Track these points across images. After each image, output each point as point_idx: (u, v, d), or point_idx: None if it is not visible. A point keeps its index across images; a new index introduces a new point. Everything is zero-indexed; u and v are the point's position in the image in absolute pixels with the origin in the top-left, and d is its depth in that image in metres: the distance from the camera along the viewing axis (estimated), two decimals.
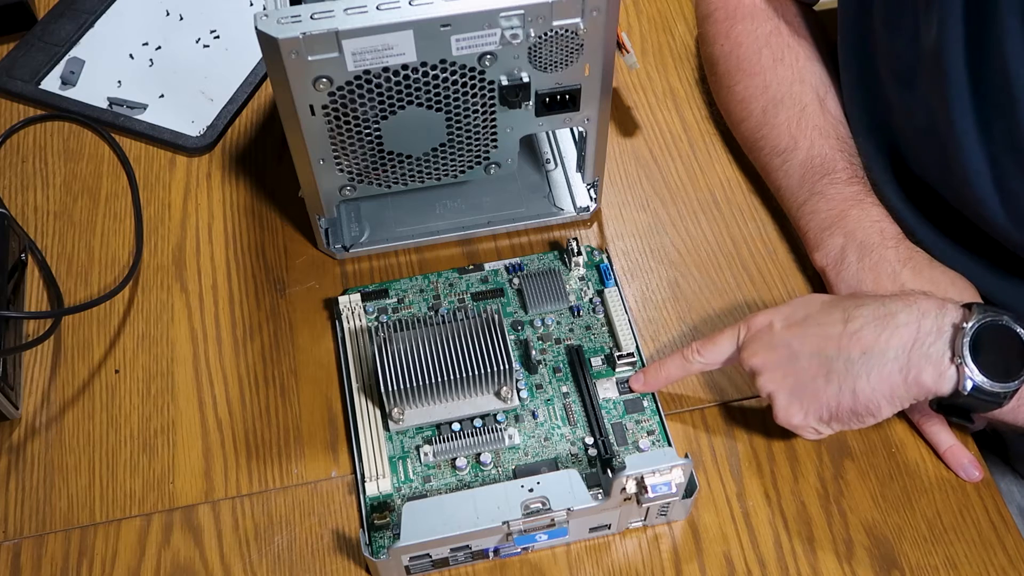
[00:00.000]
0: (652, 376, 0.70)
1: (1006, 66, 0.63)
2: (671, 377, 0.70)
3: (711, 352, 0.68)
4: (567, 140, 0.85)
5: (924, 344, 0.61)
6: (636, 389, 0.71)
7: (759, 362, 0.65)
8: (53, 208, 0.84)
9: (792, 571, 0.66)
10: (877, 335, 0.61)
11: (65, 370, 0.75)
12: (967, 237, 0.73)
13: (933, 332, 0.61)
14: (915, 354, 0.61)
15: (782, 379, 0.64)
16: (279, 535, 0.68)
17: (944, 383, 0.60)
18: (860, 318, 0.62)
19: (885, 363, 0.61)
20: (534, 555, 0.66)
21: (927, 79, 0.69)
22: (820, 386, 0.63)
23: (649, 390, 0.71)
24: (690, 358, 0.68)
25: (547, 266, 0.78)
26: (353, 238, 0.80)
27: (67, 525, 0.68)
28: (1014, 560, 0.66)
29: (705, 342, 0.68)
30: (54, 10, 0.96)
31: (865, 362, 0.61)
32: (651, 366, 0.71)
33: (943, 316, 0.61)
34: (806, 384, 0.63)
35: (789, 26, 0.82)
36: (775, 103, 0.80)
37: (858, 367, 0.62)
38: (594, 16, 0.64)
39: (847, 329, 0.62)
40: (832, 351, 0.62)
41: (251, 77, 0.91)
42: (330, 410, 0.73)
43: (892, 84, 0.73)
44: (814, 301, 0.66)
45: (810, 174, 0.76)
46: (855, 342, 0.62)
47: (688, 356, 0.68)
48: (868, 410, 0.62)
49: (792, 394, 0.64)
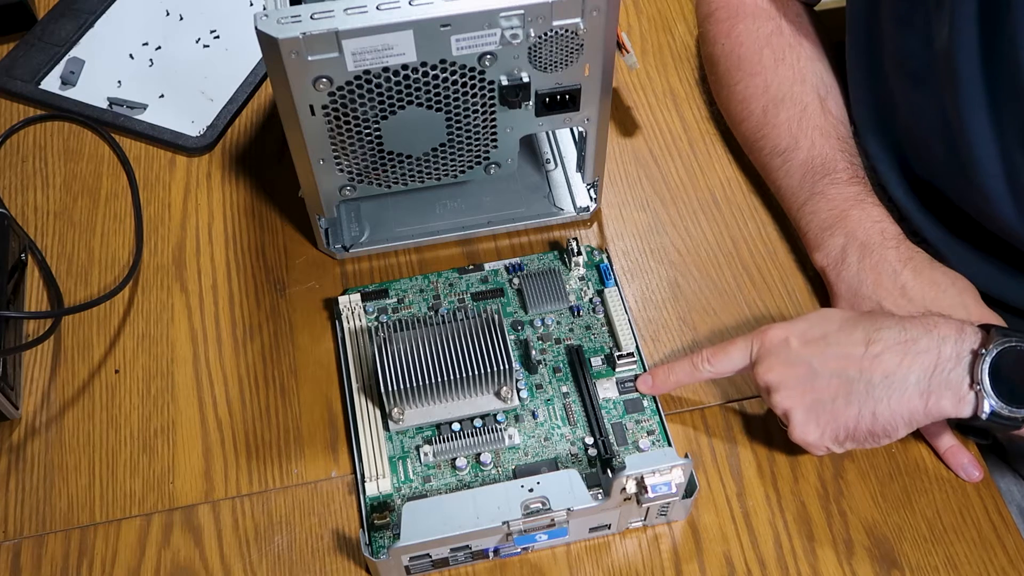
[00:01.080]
0: (660, 380, 0.70)
1: (1018, 64, 0.63)
2: (679, 382, 0.70)
3: (722, 362, 0.67)
4: (567, 140, 0.85)
5: (944, 371, 0.61)
6: (643, 391, 0.71)
7: (775, 378, 0.65)
8: (53, 208, 0.84)
9: (792, 571, 0.66)
10: (899, 360, 0.62)
11: (65, 370, 0.75)
12: (973, 236, 0.73)
13: (953, 359, 0.61)
14: (935, 380, 0.61)
15: (800, 397, 0.64)
16: (279, 535, 0.68)
17: (964, 408, 0.61)
18: (881, 342, 0.62)
19: (906, 388, 0.61)
20: (534, 555, 0.66)
21: (938, 78, 0.69)
22: (840, 407, 0.63)
23: (655, 393, 0.71)
24: (699, 366, 0.68)
25: (547, 266, 0.78)
26: (353, 238, 0.80)
27: (67, 525, 0.68)
28: (1014, 560, 0.66)
29: (716, 351, 0.68)
30: (54, 10, 0.96)
31: (887, 387, 0.62)
32: (659, 369, 0.70)
33: (962, 342, 0.61)
34: (825, 403, 0.64)
35: (791, 26, 0.82)
36: (776, 103, 0.80)
37: (879, 391, 0.62)
38: (594, 16, 0.64)
39: (868, 352, 0.62)
40: (854, 373, 0.63)
41: (251, 77, 0.91)
42: (330, 410, 0.73)
43: (902, 83, 0.73)
44: (832, 318, 0.65)
45: (811, 174, 0.76)
46: (877, 365, 0.62)
47: (698, 364, 0.68)
48: (886, 432, 0.63)
49: (810, 412, 0.64)
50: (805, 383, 0.64)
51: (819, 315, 0.66)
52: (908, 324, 0.63)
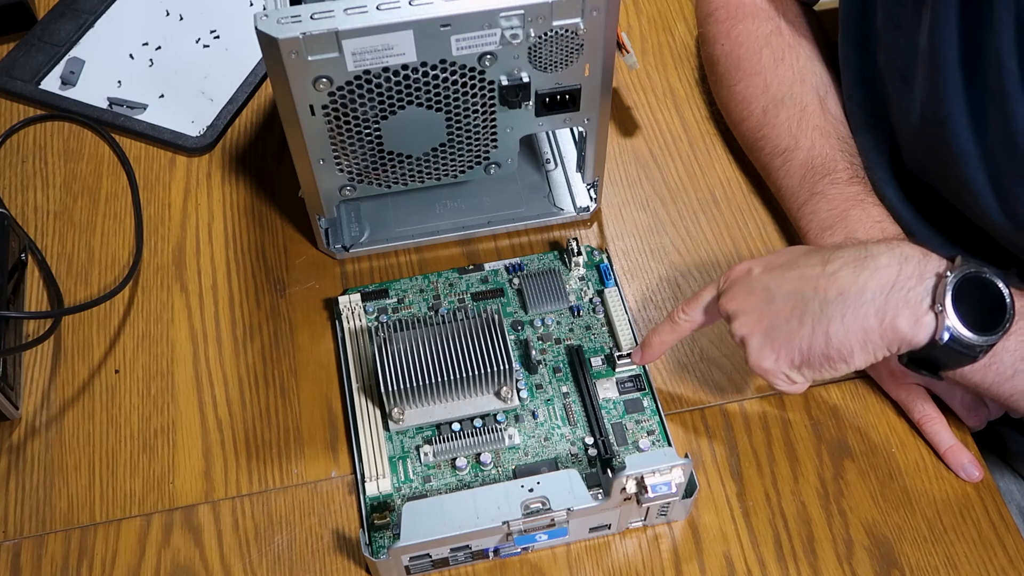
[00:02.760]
0: (647, 344, 0.70)
1: (1000, 61, 0.63)
2: (664, 342, 0.70)
3: (695, 308, 0.67)
4: (567, 140, 0.85)
5: (904, 288, 0.59)
6: (636, 362, 0.71)
7: (736, 306, 0.64)
8: (53, 208, 0.84)
9: (792, 571, 0.66)
10: (856, 276, 0.60)
11: (65, 370, 0.75)
12: (965, 236, 0.73)
13: (914, 277, 0.59)
14: (893, 297, 0.59)
15: (756, 321, 0.63)
16: (279, 535, 0.68)
17: (920, 331, 0.59)
18: (839, 259, 0.61)
19: (861, 305, 0.59)
20: (534, 555, 0.66)
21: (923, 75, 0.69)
22: (794, 327, 0.62)
23: (647, 361, 0.71)
24: (677, 319, 0.68)
25: (547, 266, 0.78)
26: (353, 238, 0.80)
27: (67, 525, 0.68)
28: (1014, 560, 0.66)
29: (689, 300, 0.68)
30: (54, 10, 0.96)
31: (841, 303, 0.60)
32: (645, 338, 0.70)
33: (926, 263, 0.59)
34: (780, 326, 0.62)
35: (790, 26, 0.82)
36: (776, 103, 0.80)
37: (833, 308, 0.60)
38: (594, 16, 0.64)
39: (826, 270, 0.61)
40: (808, 292, 0.61)
41: (251, 77, 0.91)
42: (330, 410, 0.73)
43: (891, 81, 0.73)
44: (797, 248, 0.65)
45: (811, 174, 0.76)
46: (832, 282, 0.60)
47: (676, 318, 0.68)
48: (840, 355, 0.61)
49: (765, 336, 0.63)
50: (762, 307, 0.63)
51: (786, 248, 0.66)
52: (870, 244, 0.62)
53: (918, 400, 0.70)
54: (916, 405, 0.70)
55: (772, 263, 0.64)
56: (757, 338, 0.63)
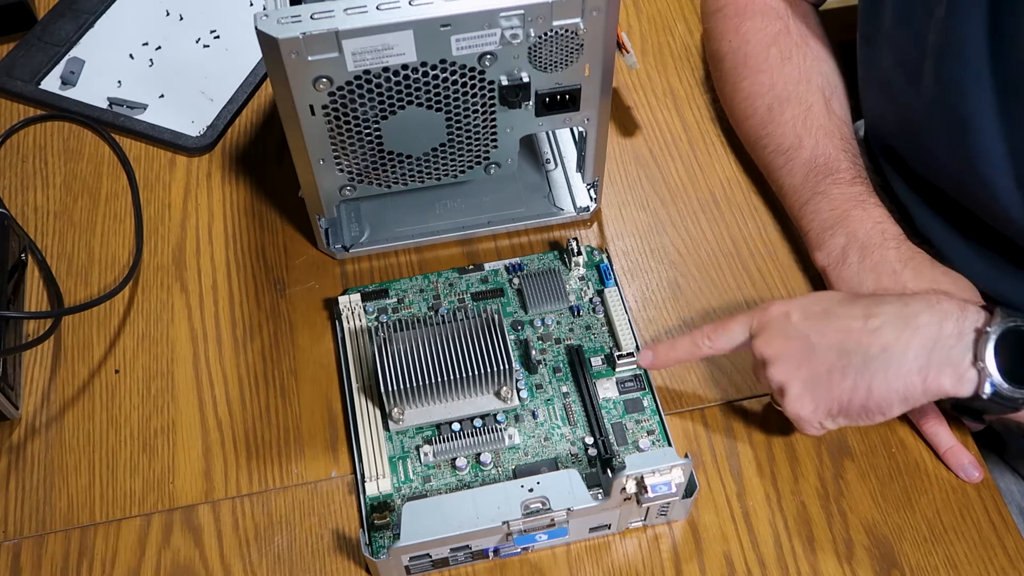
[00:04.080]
0: (662, 355, 0.70)
1: None
2: (679, 359, 0.70)
3: (722, 338, 0.67)
4: (567, 140, 0.85)
5: (945, 347, 0.60)
6: (643, 365, 0.71)
7: (773, 351, 0.64)
8: (53, 208, 0.84)
9: (792, 571, 0.66)
10: (898, 334, 0.61)
11: (65, 370, 0.75)
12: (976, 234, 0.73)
13: (954, 335, 0.60)
14: (935, 356, 0.60)
15: (796, 370, 0.64)
16: (279, 535, 0.68)
17: (963, 386, 0.60)
18: (881, 315, 0.62)
19: (904, 363, 0.61)
20: (534, 555, 0.66)
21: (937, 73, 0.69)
22: (835, 380, 0.62)
23: (655, 368, 0.71)
24: (700, 343, 0.68)
25: (547, 266, 0.78)
26: (353, 238, 0.80)
27: (67, 525, 0.68)
28: (1014, 560, 0.66)
29: (716, 327, 0.67)
30: (54, 10, 0.96)
31: (884, 360, 0.61)
32: (661, 345, 0.70)
33: (964, 319, 0.61)
34: (821, 376, 0.63)
35: (799, 25, 0.82)
36: (781, 101, 0.80)
37: (876, 364, 0.61)
38: (594, 16, 0.64)
39: (867, 325, 0.62)
40: (851, 345, 0.62)
41: (251, 77, 0.91)
42: (330, 410, 0.73)
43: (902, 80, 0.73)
44: (833, 295, 0.66)
45: (813, 174, 0.76)
46: (875, 339, 0.61)
47: (699, 341, 0.68)
48: (879, 408, 0.62)
49: (805, 385, 0.63)
50: (802, 356, 0.63)
51: (821, 293, 0.66)
52: (910, 299, 0.62)
53: None
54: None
55: (810, 310, 0.64)
56: (797, 386, 0.64)
